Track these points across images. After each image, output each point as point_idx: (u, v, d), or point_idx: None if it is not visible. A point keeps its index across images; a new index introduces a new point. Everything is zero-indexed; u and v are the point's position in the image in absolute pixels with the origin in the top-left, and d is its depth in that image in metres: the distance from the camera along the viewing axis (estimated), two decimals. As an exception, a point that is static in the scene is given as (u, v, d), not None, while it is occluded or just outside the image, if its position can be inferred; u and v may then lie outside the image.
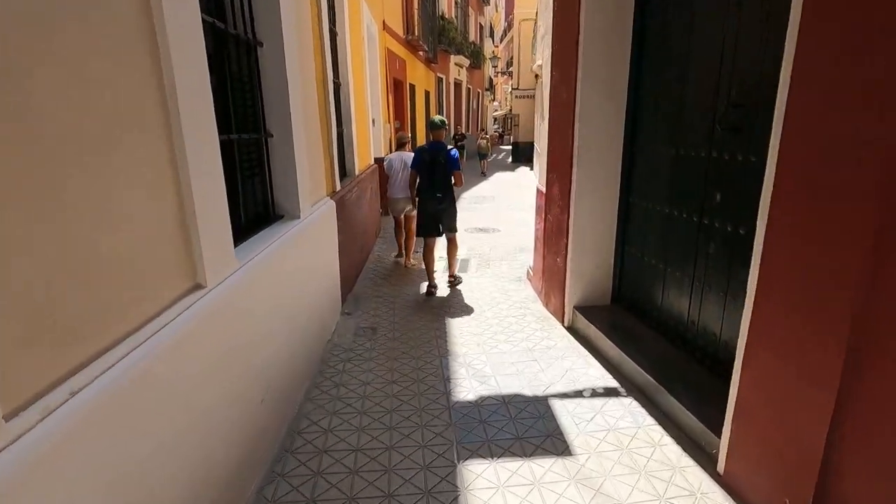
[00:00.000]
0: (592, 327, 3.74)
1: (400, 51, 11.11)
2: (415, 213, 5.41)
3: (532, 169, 17.98)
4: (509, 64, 32.53)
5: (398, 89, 11.29)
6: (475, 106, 26.92)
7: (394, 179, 5.72)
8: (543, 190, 4.56)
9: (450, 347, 3.81)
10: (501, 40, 37.41)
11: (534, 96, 22.24)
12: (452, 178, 4.79)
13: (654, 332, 3.50)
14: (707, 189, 2.89)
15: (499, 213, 9.42)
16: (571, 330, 4.07)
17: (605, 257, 3.99)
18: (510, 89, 26.44)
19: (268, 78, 2.99)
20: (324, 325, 3.85)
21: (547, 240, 4.46)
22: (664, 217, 3.36)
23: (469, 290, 5.16)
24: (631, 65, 3.57)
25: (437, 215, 4.91)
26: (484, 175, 17.09)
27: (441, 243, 5.30)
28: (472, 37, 23.69)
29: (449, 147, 4.82)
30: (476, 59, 23.56)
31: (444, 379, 3.33)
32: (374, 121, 8.77)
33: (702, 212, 2.96)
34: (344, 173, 5.60)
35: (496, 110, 46.17)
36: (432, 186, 4.77)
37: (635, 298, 3.82)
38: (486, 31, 29.33)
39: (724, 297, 2.81)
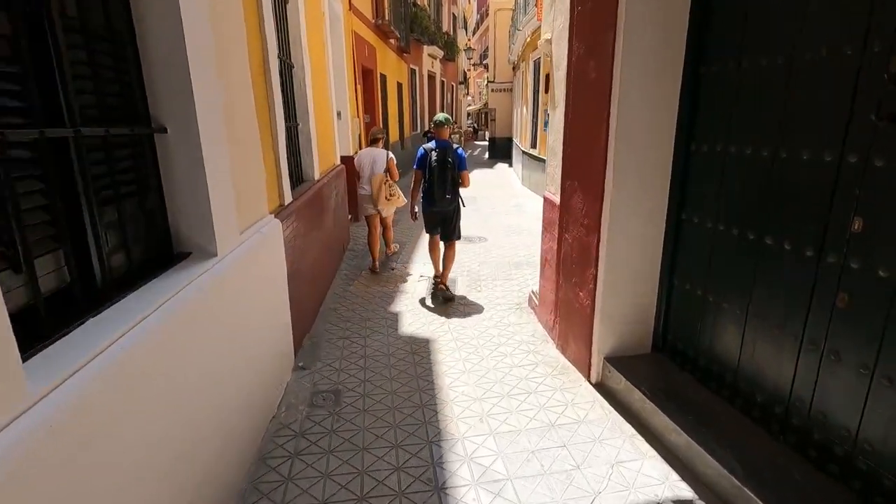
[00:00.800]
0: (636, 392, 2.74)
1: (369, 36, 9.94)
2: (384, 212, 5.49)
3: (511, 166, 17.05)
4: (483, 56, 31.54)
5: (368, 79, 10.14)
6: (449, 100, 25.80)
7: (364, 175, 5.46)
8: (557, 200, 3.54)
9: (442, 424, 2.75)
10: (474, 33, 36.37)
11: (511, 90, 21.27)
12: (460, 178, 4.54)
13: (728, 405, 2.52)
14: (838, 210, 1.91)
15: (484, 219, 8.39)
16: (602, 389, 3.07)
17: (647, 291, 2.99)
18: (485, 83, 25.40)
19: (153, 34, 1.86)
20: (266, 394, 2.74)
21: (563, 266, 3.44)
22: (745, 245, 2.37)
23: (460, 323, 4.12)
24: (693, 24, 2.57)
25: (444, 219, 4.69)
26: None
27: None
28: (445, 27, 22.57)
29: (455, 146, 4.58)
30: (450, 50, 22.45)
31: (437, 489, 2.27)
32: (339, 114, 7.64)
33: (823, 243, 1.98)
34: (299, 178, 4.47)
35: (469, 104, 45.17)
36: (441, 188, 4.45)
37: (688, 349, 2.83)
38: (460, 22, 28.24)
39: (868, 376, 1.84)
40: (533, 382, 3.19)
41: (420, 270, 5.62)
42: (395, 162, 5.42)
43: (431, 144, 4.50)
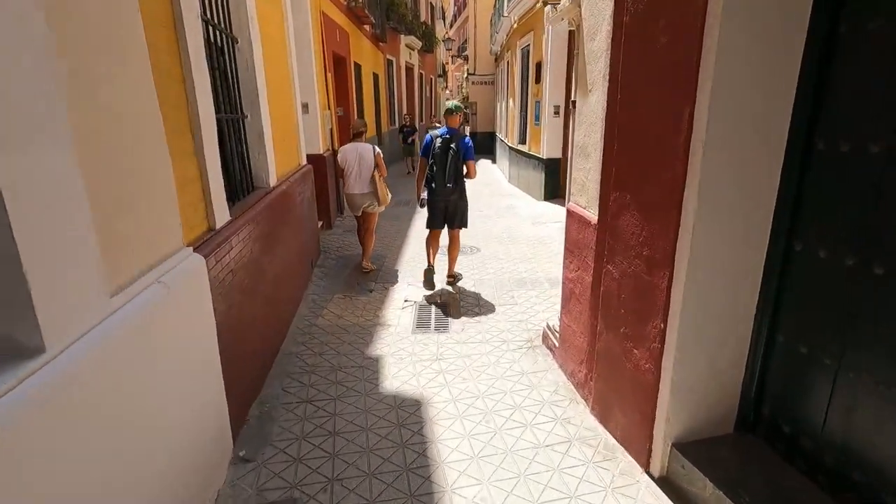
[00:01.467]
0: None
1: (341, 20, 8.90)
2: (376, 208, 5.15)
3: (495, 163, 16.14)
4: (462, 48, 30.53)
5: (341, 68, 9.09)
6: (428, 93, 24.75)
7: (350, 173, 5.03)
8: (592, 217, 2.63)
9: (450, 568, 1.83)
10: (451, 26, 35.33)
11: (493, 82, 20.36)
12: (465, 168, 4.46)
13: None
14: None
15: (472, 224, 7.43)
16: (670, 487, 2.17)
17: (735, 350, 2.11)
18: (465, 75, 24.40)
19: None
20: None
21: (605, 307, 2.53)
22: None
23: (459, 372, 3.19)
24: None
25: (447, 208, 4.59)
26: None
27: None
28: (423, 17, 21.49)
29: (464, 135, 4.53)
30: (428, 41, 21.38)
31: None
32: (306, 106, 6.62)
33: None
34: (247, 187, 3.47)
35: (448, 98, 44.18)
36: (445, 176, 4.39)
37: (799, 433, 1.96)
38: (438, 13, 27.15)
39: None
40: (571, 476, 2.27)
41: (404, 293, 4.67)
42: (382, 156, 5.10)
43: (440, 131, 4.44)
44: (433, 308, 4.30)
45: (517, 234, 6.79)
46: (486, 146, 18.62)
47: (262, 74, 3.66)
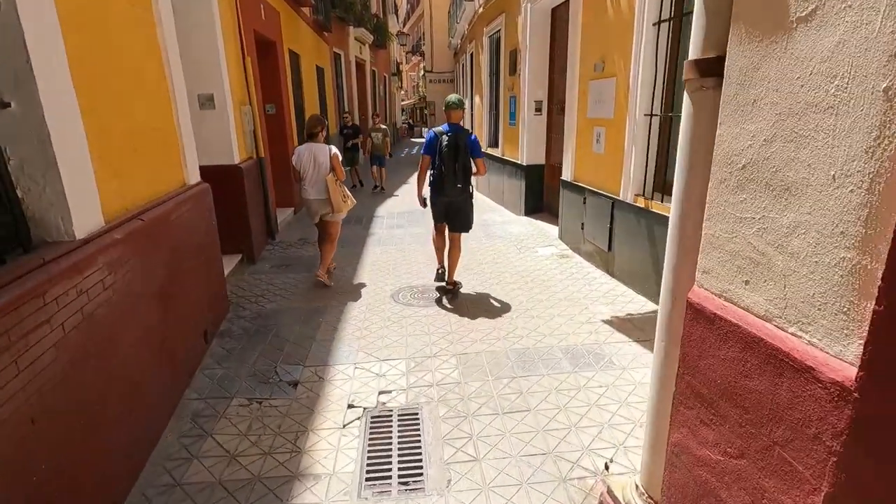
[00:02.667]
0: None
1: (267, -7, 7.04)
2: (333, 217, 4.62)
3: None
4: (418, 46, 28.78)
5: (269, 54, 7.23)
6: (382, 92, 22.81)
7: (305, 176, 4.51)
8: (819, 359, 1.01)
9: None
10: (405, 23, 33.60)
11: (452, 80, 18.81)
12: (475, 166, 4.18)
13: None
14: None
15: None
16: None
17: None
18: (421, 73, 22.66)
19: None
20: None
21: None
22: None
23: None
24: None
25: (450, 209, 4.27)
26: (381, 190, 10.41)
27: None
28: (374, 9, 19.64)
29: (470, 132, 4.25)
30: (380, 35, 19.55)
31: None
32: (208, 98, 4.83)
33: None
34: (17, 239, 1.68)
35: (403, 100, 42.27)
36: (452, 176, 4.09)
37: None
38: (390, 7, 25.31)
39: None
40: None
41: (348, 387, 2.95)
42: (339, 158, 4.59)
43: (443, 128, 4.19)
44: (394, 421, 2.61)
45: (503, 267, 5.16)
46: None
47: (51, 31, 1.87)
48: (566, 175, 5.70)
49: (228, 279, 4.51)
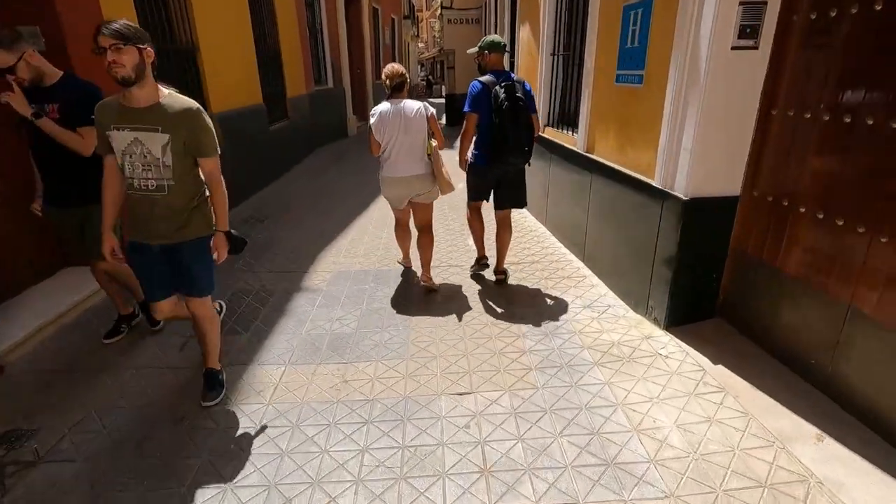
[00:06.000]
0: None
1: None
2: (432, 197, 3.50)
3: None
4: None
5: None
6: (388, 39, 17.81)
7: (389, 147, 3.29)
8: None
9: None
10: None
11: (480, 19, 13.86)
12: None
13: None
14: None
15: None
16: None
17: None
18: (439, 11, 17.38)
19: None
20: None
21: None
22: None
23: None
24: None
25: (507, 180, 3.48)
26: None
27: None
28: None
29: (522, 79, 3.37)
30: (384, -41, 14.57)
31: None
32: None
33: None
34: None
35: (422, 52, 36.66)
36: (517, 137, 3.22)
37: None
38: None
39: None
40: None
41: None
42: (436, 117, 3.33)
43: (490, 77, 3.28)
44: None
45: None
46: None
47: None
48: None
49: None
